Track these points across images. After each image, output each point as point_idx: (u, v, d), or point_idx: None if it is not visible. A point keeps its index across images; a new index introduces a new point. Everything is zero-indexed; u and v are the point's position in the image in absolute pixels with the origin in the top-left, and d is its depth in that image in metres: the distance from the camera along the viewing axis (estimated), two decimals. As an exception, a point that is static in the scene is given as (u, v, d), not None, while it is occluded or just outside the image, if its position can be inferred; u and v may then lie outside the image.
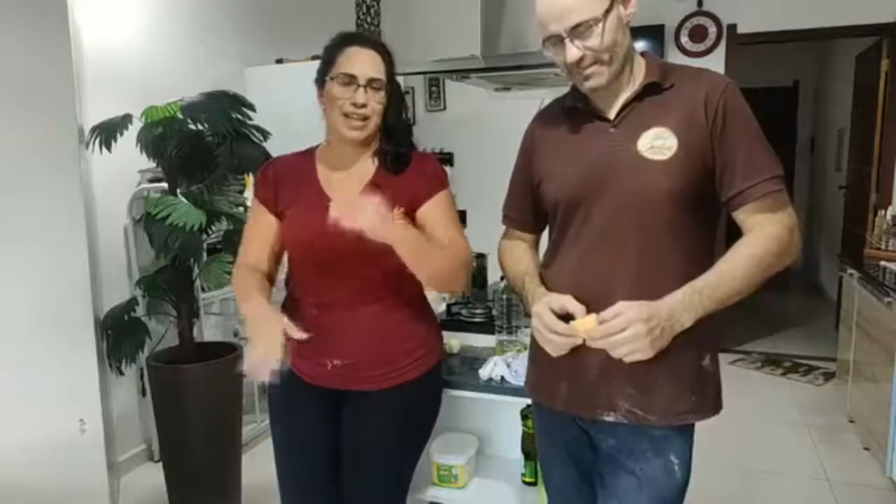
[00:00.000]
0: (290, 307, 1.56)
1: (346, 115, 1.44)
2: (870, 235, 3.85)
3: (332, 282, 1.47)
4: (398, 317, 1.51)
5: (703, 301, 1.17)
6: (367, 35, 1.51)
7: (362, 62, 1.45)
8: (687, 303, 1.16)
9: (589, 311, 1.20)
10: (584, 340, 1.19)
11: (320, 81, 1.50)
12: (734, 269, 1.18)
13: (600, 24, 1.17)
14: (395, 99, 1.51)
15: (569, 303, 1.22)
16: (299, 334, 1.36)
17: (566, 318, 1.22)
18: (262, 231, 1.56)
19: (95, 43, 2.81)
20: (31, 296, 2.18)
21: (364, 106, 1.44)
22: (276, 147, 2.10)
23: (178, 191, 2.51)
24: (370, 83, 1.44)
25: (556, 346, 1.24)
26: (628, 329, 1.14)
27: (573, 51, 1.18)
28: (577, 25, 1.17)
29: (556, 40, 1.20)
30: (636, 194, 1.21)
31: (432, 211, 1.48)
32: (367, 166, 1.52)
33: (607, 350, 1.17)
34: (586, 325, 1.18)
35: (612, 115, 1.26)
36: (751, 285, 1.18)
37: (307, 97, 1.58)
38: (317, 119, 1.56)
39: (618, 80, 1.24)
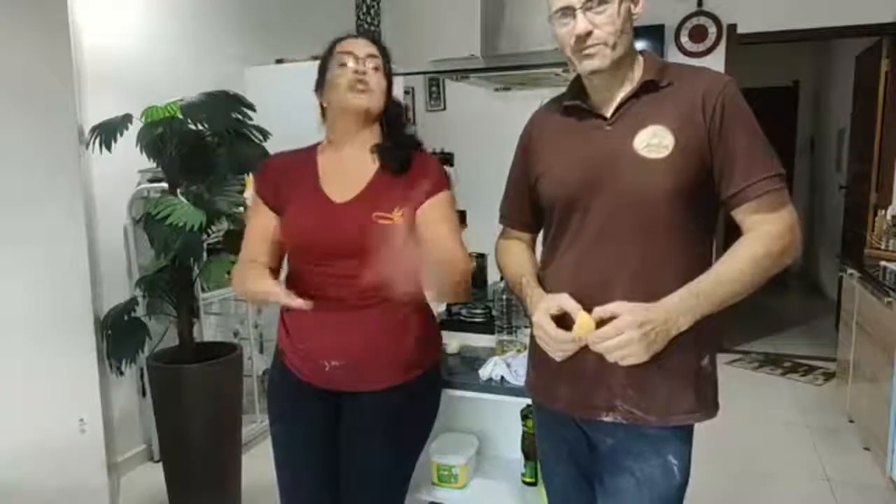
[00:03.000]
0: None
1: (351, 86, 1.46)
2: (870, 235, 3.86)
3: (331, 281, 1.47)
4: (397, 317, 1.50)
5: (700, 304, 1.16)
6: (359, 32, 1.55)
7: (358, 44, 1.50)
8: (683, 306, 1.16)
9: (587, 311, 1.19)
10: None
11: (320, 83, 1.51)
12: (732, 271, 1.17)
13: (615, 3, 1.18)
14: (395, 100, 1.53)
15: (565, 302, 1.22)
16: (298, 303, 1.34)
17: (564, 317, 1.22)
18: (261, 227, 1.56)
19: (95, 43, 2.81)
20: (31, 296, 2.17)
21: (365, 73, 1.46)
22: (276, 147, 2.09)
23: (178, 191, 2.51)
24: (369, 57, 1.48)
25: (561, 354, 1.24)
26: (622, 334, 1.14)
27: (584, 23, 1.18)
28: None
29: (567, 12, 1.20)
30: (633, 193, 1.20)
31: (431, 212, 1.47)
32: (368, 166, 1.51)
33: (602, 354, 1.17)
34: (584, 329, 1.18)
35: (608, 112, 1.26)
36: (750, 286, 1.18)
37: (307, 97, 1.58)
38: (317, 119, 1.57)
39: (616, 74, 1.24)
